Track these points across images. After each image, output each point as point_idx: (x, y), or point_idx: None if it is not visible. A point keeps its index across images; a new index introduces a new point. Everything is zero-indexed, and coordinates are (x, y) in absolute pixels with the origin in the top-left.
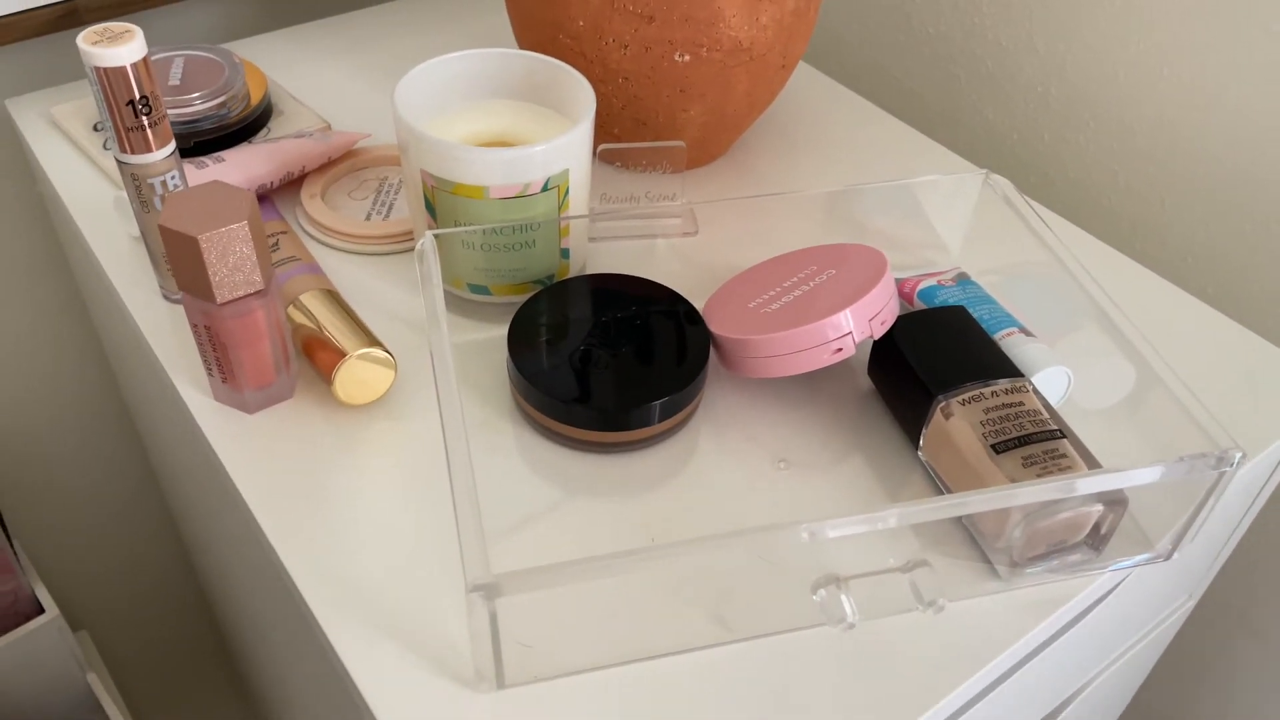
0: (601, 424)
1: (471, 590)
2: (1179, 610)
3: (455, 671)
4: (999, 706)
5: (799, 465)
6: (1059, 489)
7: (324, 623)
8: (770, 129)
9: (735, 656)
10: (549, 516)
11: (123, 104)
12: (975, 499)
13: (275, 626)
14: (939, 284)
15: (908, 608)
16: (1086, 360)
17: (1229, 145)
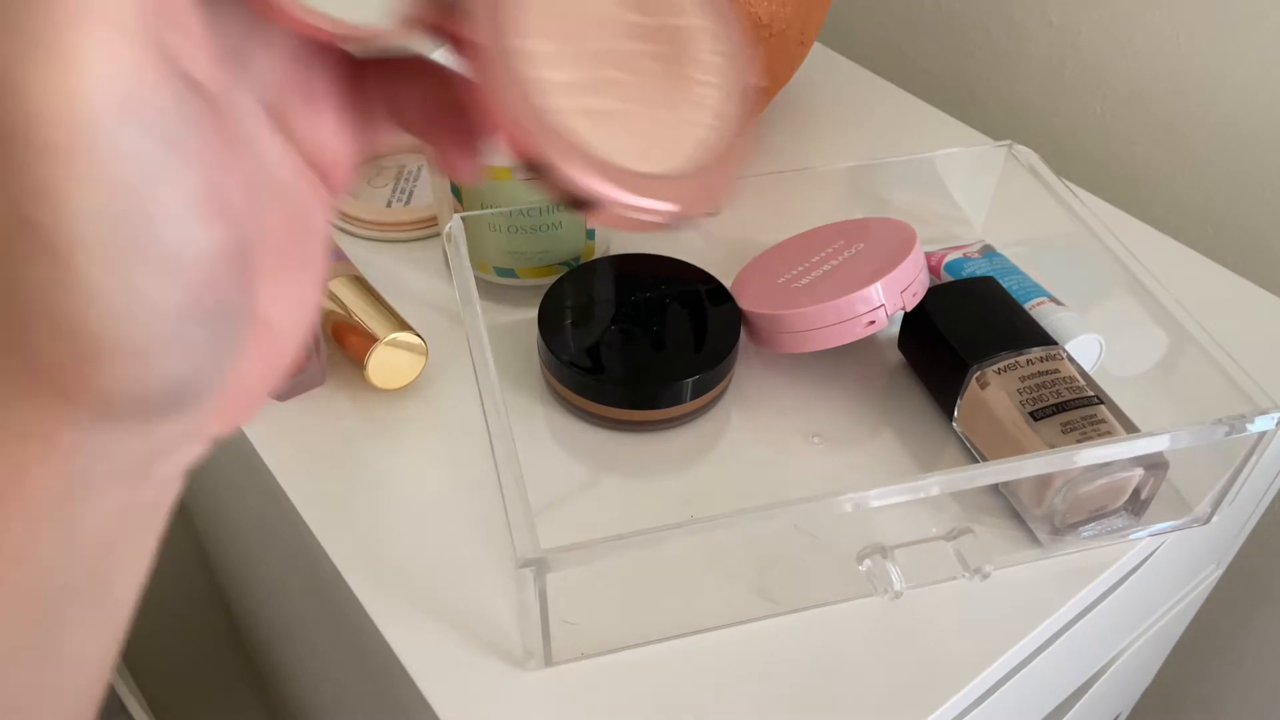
0: (634, 402)
1: (521, 566)
2: (1207, 580)
3: (503, 650)
4: (1037, 677)
5: (832, 440)
6: (1100, 453)
7: (369, 608)
8: (788, 107)
9: (780, 629)
10: (586, 495)
11: None
12: (1018, 465)
13: (308, 619)
14: (965, 256)
15: (953, 575)
16: (1117, 327)
17: (1245, 113)
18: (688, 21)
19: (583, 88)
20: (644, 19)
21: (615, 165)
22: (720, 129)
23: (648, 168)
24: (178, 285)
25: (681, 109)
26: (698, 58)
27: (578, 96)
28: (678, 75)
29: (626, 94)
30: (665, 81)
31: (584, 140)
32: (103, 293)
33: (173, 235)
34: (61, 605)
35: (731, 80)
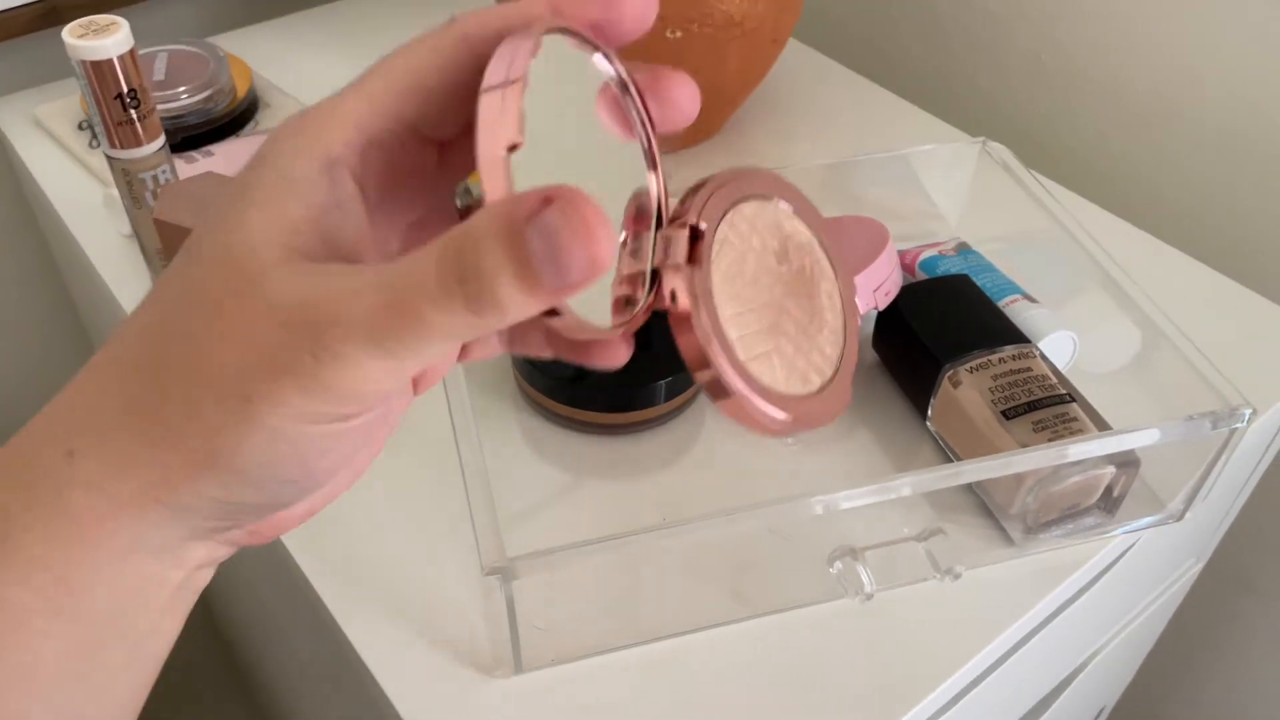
0: (607, 405)
1: (488, 574)
2: (1187, 574)
3: (472, 658)
4: (1014, 675)
5: (806, 440)
6: (1070, 452)
7: (337, 615)
8: (763, 105)
9: (753, 632)
10: (559, 500)
11: (111, 97)
12: (989, 464)
13: (286, 623)
14: (940, 254)
15: (924, 576)
16: (1091, 324)
17: (1222, 106)
18: (814, 258)
19: (755, 337)
20: (787, 268)
21: (776, 394)
22: (841, 346)
23: (800, 390)
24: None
25: (821, 333)
26: (823, 286)
27: (752, 345)
28: (815, 306)
29: (780, 333)
30: (808, 314)
31: (759, 378)
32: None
33: (317, 479)
34: (107, 647)
35: (841, 297)
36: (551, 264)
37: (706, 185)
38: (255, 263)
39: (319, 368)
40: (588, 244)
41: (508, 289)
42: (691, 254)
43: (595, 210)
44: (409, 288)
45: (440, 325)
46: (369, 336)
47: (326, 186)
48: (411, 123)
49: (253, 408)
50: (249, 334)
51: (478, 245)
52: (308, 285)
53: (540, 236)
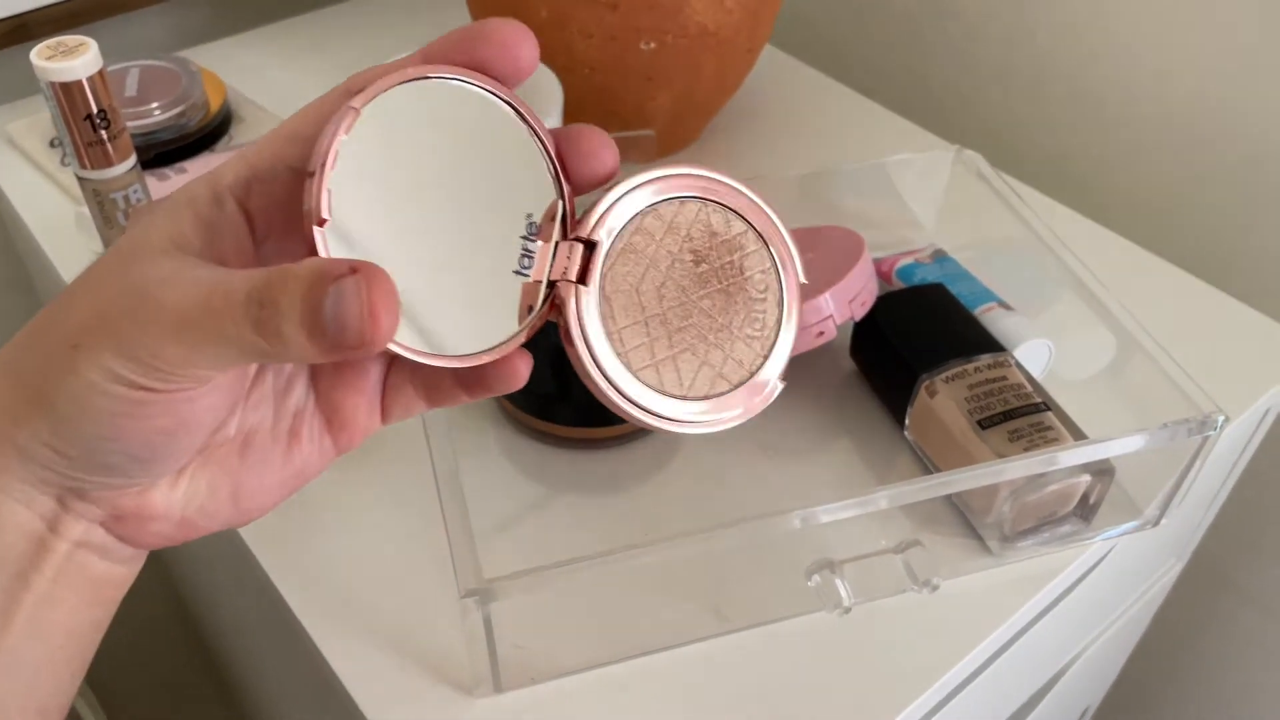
0: (585, 420)
1: (464, 596)
2: (1167, 574)
3: (452, 678)
4: (996, 681)
5: (785, 451)
6: (1045, 462)
7: (315, 635)
8: (740, 114)
9: (733, 647)
10: (538, 516)
11: (80, 119)
12: (963, 476)
13: (266, 642)
14: (916, 262)
15: (903, 588)
16: (1067, 331)
17: (1198, 110)
18: (744, 252)
19: (656, 343)
20: (706, 267)
21: (663, 411)
22: (773, 333)
23: (711, 390)
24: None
25: (744, 329)
26: (753, 279)
27: (649, 353)
28: (739, 302)
29: (692, 335)
30: (730, 311)
31: (652, 385)
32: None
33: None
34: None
35: (781, 287)
36: (334, 323)
37: (613, 192)
38: (139, 250)
39: (130, 335)
40: (365, 319)
41: (292, 327)
42: (584, 268)
43: (386, 291)
44: (223, 295)
45: (231, 337)
46: (174, 323)
47: (215, 207)
48: (292, 164)
49: (77, 356)
50: (104, 300)
51: (285, 283)
52: (164, 267)
53: (334, 297)
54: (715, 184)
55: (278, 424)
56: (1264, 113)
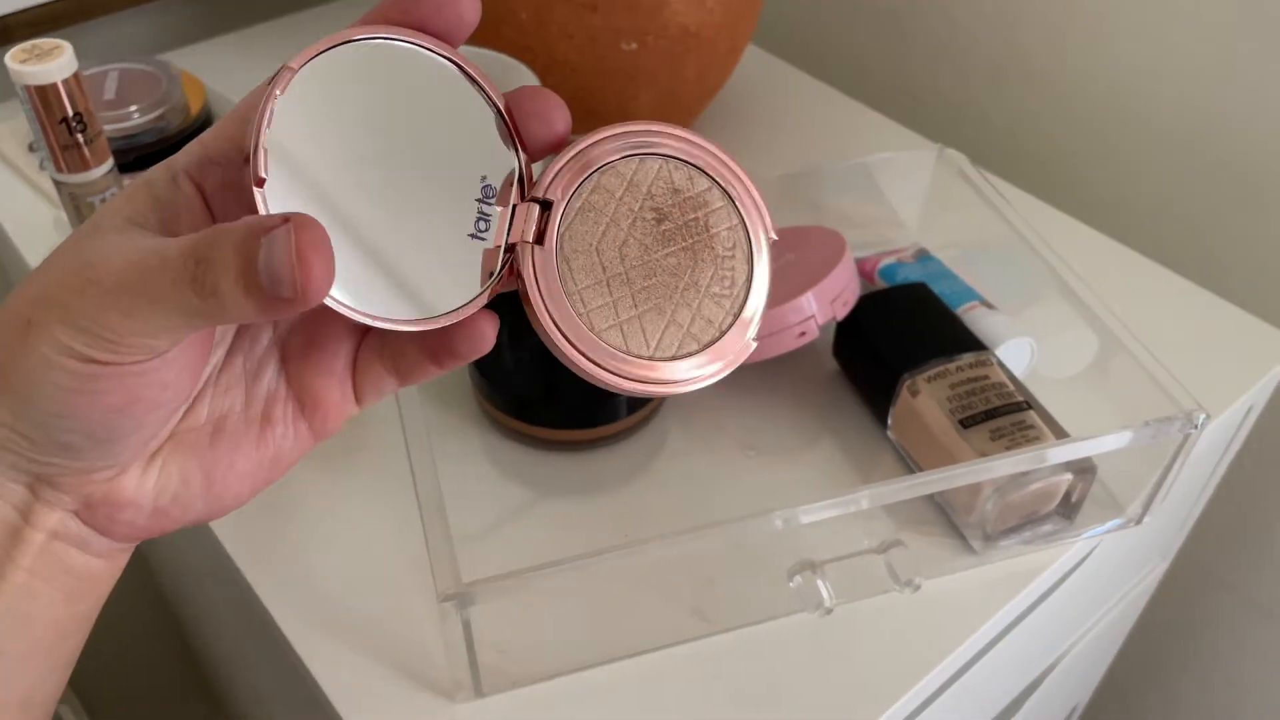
0: (568, 422)
1: (443, 600)
2: (1153, 572)
3: (433, 682)
4: (980, 681)
5: (769, 451)
6: (1026, 460)
7: (294, 640)
8: (723, 114)
9: (716, 649)
10: (520, 519)
11: (56, 122)
12: (944, 476)
13: (248, 646)
14: (899, 261)
15: (885, 589)
16: (1049, 330)
17: (1181, 106)
18: (709, 209)
19: (619, 303)
20: (669, 225)
21: (629, 372)
22: (742, 291)
23: (679, 350)
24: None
25: (712, 287)
26: (719, 236)
27: (612, 314)
28: (705, 259)
29: (658, 294)
30: (696, 269)
31: (613, 350)
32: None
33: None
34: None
35: (749, 244)
36: (268, 274)
37: (566, 151)
38: (93, 230)
39: (76, 306)
40: (300, 265)
41: (228, 283)
42: (540, 228)
43: (315, 239)
44: (159, 256)
45: (169, 300)
46: (112, 288)
47: (171, 187)
48: (245, 147)
49: (30, 331)
50: (55, 274)
51: (220, 240)
52: (111, 239)
53: (267, 248)
54: (678, 140)
55: (249, 408)
56: (1246, 111)
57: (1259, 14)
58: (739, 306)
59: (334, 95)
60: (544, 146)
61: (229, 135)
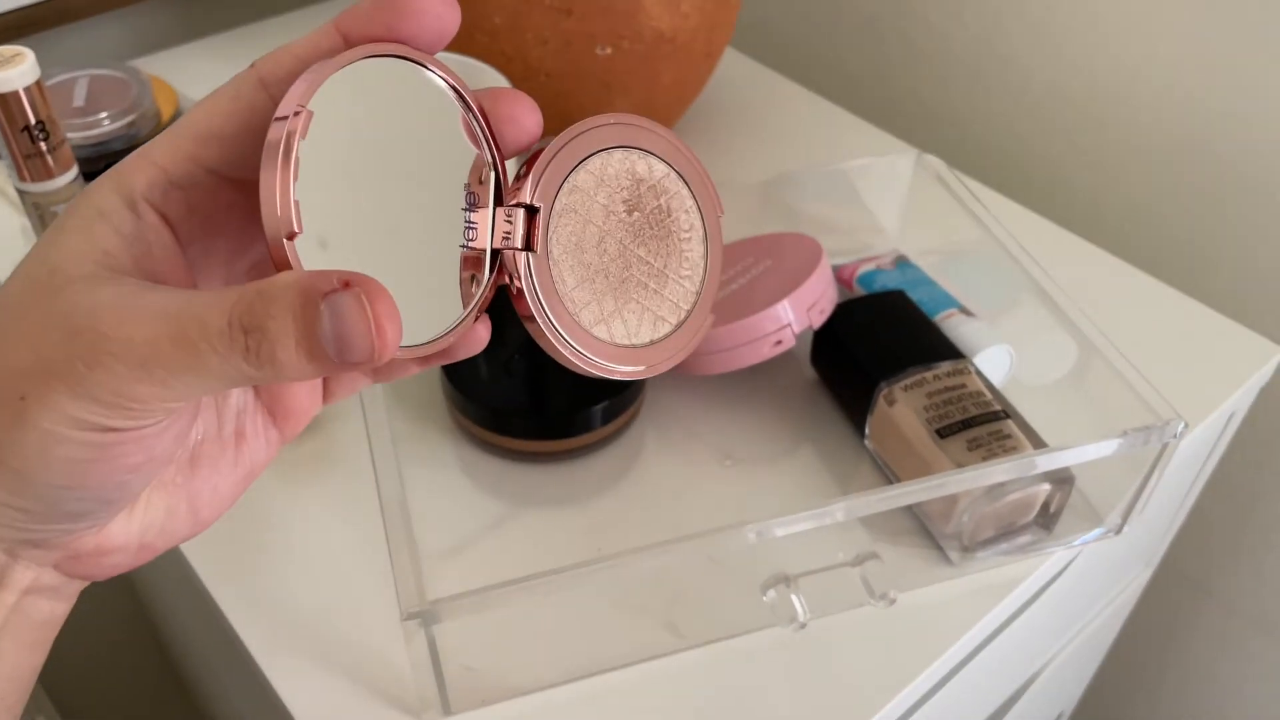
0: (542, 433)
1: (406, 619)
2: (1135, 581)
3: (400, 701)
4: (960, 693)
5: (746, 460)
6: (1003, 471)
7: (259, 657)
8: (701, 119)
9: (687, 665)
10: (493, 532)
11: (18, 130)
12: (919, 488)
13: (222, 665)
14: (878, 268)
15: (859, 602)
16: (1028, 337)
17: (1161, 111)
18: (668, 194)
19: (603, 297)
20: (639, 214)
21: (621, 364)
22: (700, 268)
23: (654, 335)
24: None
25: (678, 269)
26: (678, 219)
27: (598, 309)
28: (670, 244)
29: (634, 284)
30: (663, 254)
31: (606, 340)
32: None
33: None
34: None
35: (704, 223)
36: (335, 342)
37: (544, 154)
38: (61, 277)
39: (89, 377)
40: (372, 335)
41: (288, 352)
42: (529, 234)
43: (387, 306)
44: (195, 324)
45: (214, 368)
46: (142, 361)
47: (132, 218)
48: (211, 167)
49: (26, 407)
50: (37, 338)
51: (270, 305)
52: (104, 295)
53: (331, 315)
54: (634, 129)
55: (223, 428)
56: (1226, 115)
57: (1240, 18)
58: (699, 285)
59: (330, 122)
60: (516, 147)
61: (189, 156)
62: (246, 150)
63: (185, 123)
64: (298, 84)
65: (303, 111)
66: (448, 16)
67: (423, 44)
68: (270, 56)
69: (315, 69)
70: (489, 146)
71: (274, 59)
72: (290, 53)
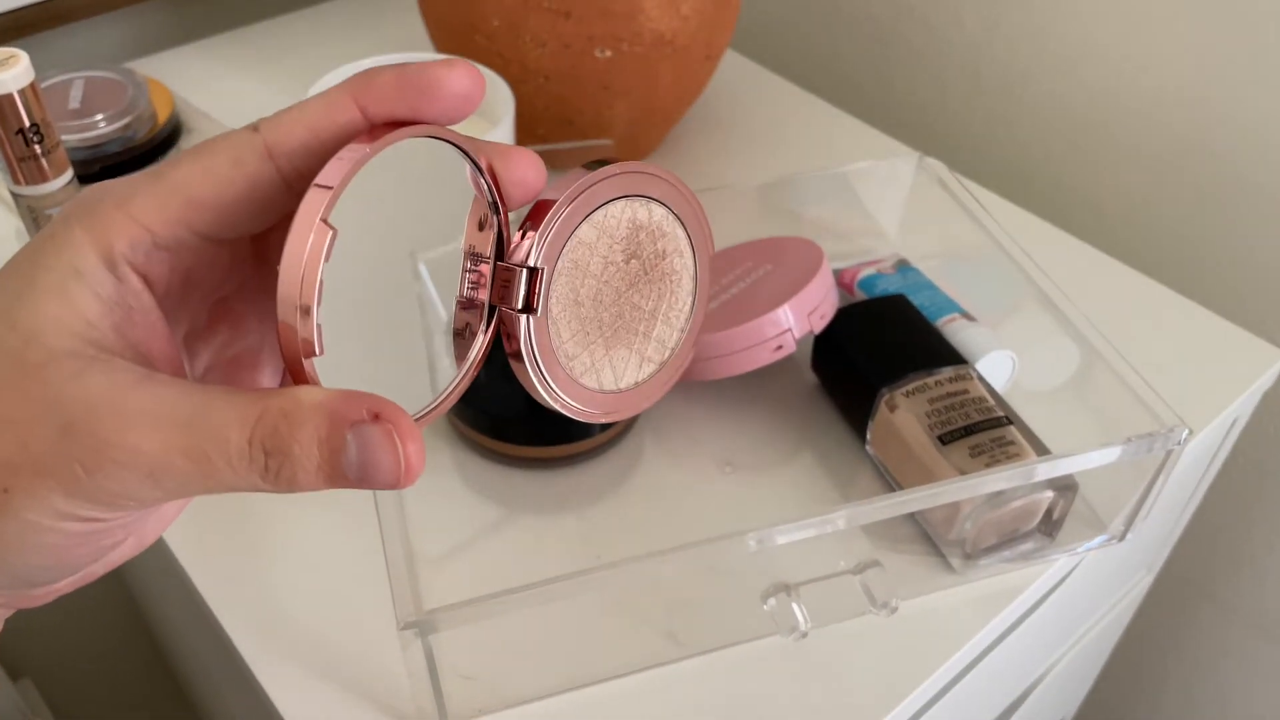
0: (540, 439)
1: (403, 628)
2: (1137, 586)
3: (397, 711)
4: (962, 701)
5: (746, 467)
6: (1006, 478)
7: (254, 665)
8: (701, 121)
9: (688, 673)
10: (491, 539)
11: (12, 133)
12: (921, 495)
13: (217, 673)
14: (879, 272)
15: (861, 611)
16: (1030, 342)
17: (1160, 115)
18: (664, 237)
19: (598, 345)
20: (637, 262)
21: (607, 409)
22: (686, 307)
23: (639, 376)
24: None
25: (668, 312)
26: (670, 261)
27: (589, 359)
28: (662, 286)
29: (625, 330)
30: (656, 296)
31: (591, 393)
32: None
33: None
34: None
35: (695, 263)
36: (359, 470)
37: (550, 215)
38: (40, 350)
39: (89, 480)
40: (400, 469)
41: (309, 476)
42: (529, 296)
43: (415, 439)
44: (210, 439)
45: (228, 482)
46: (150, 471)
47: (113, 281)
48: (202, 233)
49: (10, 499)
50: (23, 428)
51: (296, 430)
52: (97, 386)
53: (359, 446)
54: (639, 177)
55: None
56: (1228, 118)
57: (1240, 21)
58: (684, 323)
59: (343, 205)
60: (517, 203)
61: (177, 220)
62: (242, 218)
63: (176, 182)
64: (325, 197)
65: (326, 229)
66: (475, 96)
67: (445, 121)
68: (277, 122)
69: (343, 170)
70: (493, 203)
71: (283, 128)
72: (301, 123)
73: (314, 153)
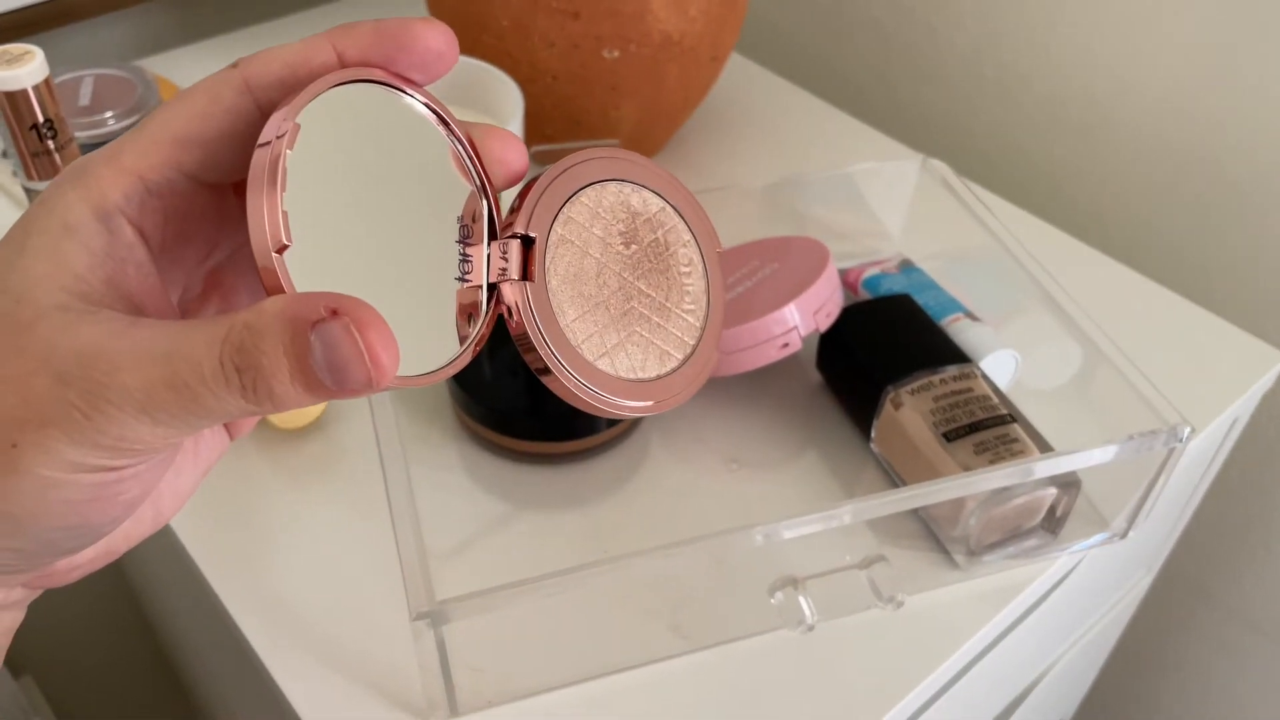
0: (547, 434)
1: (415, 619)
2: (1138, 585)
3: (407, 702)
4: (965, 697)
5: (752, 464)
6: (1010, 475)
7: (265, 657)
8: (707, 122)
9: (695, 667)
10: (498, 533)
11: (26, 128)
12: (927, 491)
13: (224, 667)
14: (883, 272)
15: (867, 605)
16: (1033, 342)
17: (1162, 117)
18: (665, 228)
19: (605, 331)
20: (637, 247)
21: (628, 399)
22: (703, 304)
23: (661, 370)
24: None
25: (681, 304)
26: (677, 254)
27: (600, 342)
28: (671, 278)
29: (636, 317)
30: (664, 288)
31: (610, 373)
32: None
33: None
34: None
35: (703, 259)
36: (330, 373)
37: (536, 185)
38: (30, 308)
39: (89, 423)
40: (366, 363)
41: (284, 386)
42: (525, 265)
43: (380, 331)
44: (187, 368)
45: (212, 407)
46: (141, 407)
47: (105, 235)
48: (191, 173)
49: (20, 455)
50: (21, 382)
51: (258, 341)
52: (87, 336)
53: (322, 345)
54: (627, 163)
55: None
56: (1230, 120)
57: (1243, 22)
58: (703, 319)
59: (318, 144)
60: (505, 186)
61: (166, 161)
62: (227, 154)
63: (159, 124)
64: (290, 101)
65: (292, 125)
66: (448, 55)
67: (417, 77)
68: (257, 58)
69: (309, 88)
70: (480, 181)
71: (261, 62)
72: (279, 58)
73: (290, 89)
